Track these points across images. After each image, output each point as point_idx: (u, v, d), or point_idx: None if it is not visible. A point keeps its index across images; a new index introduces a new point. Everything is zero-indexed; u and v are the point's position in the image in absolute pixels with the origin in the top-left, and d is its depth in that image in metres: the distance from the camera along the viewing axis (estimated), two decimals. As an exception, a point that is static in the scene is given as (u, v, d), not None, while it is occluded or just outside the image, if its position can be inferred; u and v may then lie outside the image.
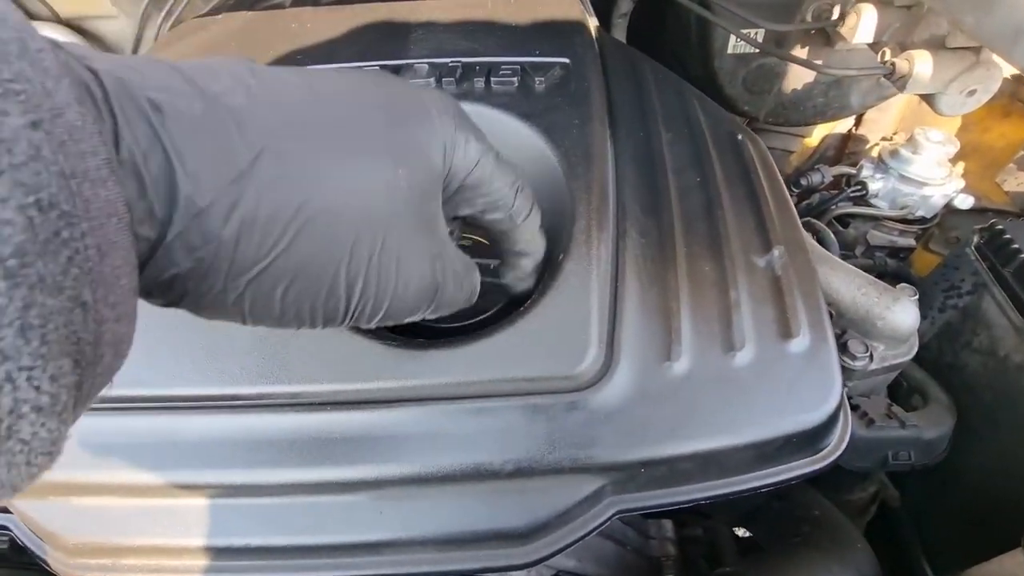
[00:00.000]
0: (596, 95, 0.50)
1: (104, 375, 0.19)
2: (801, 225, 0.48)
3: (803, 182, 0.95)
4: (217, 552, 0.37)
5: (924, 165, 0.91)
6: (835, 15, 0.71)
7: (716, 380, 0.39)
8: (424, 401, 0.37)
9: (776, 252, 0.44)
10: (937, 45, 0.59)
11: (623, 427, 0.37)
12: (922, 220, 0.94)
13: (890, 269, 0.91)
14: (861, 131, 1.19)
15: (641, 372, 0.38)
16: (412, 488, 0.37)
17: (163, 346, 0.38)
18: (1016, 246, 0.59)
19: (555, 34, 0.55)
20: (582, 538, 0.38)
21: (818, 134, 1.20)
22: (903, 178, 0.91)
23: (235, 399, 0.38)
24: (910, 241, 0.94)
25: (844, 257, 0.91)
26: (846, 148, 1.22)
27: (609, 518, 0.38)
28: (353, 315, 0.26)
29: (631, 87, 0.57)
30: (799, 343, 0.40)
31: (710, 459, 0.38)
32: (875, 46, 0.70)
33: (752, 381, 0.39)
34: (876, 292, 0.54)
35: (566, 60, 0.52)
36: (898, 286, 0.56)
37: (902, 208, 0.92)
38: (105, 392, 0.20)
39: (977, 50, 0.55)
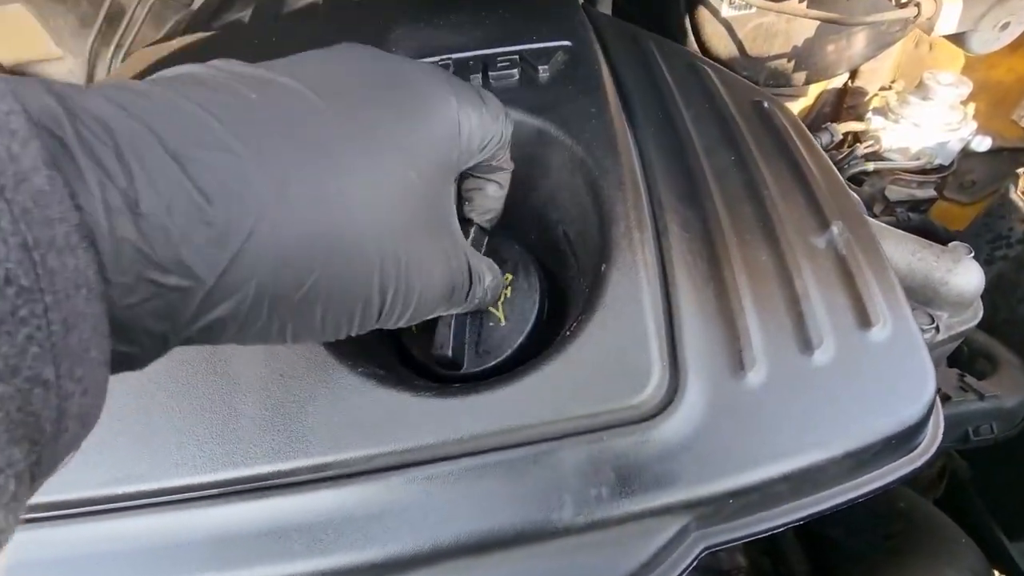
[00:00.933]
0: (606, 78, 0.45)
1: (69, 446, 0.18)
2: (856, 196, 0.43)
3: (812, 143, 0.90)
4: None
5: (938, 110, 0.86)
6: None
7: (798, 386, 0.34)
8: (473, 455, 0.32)
9: (835, 229, 0.40)
10: (959, -20, 0.54)
11: (703, 454, 0.32)
12: (940, 168, 0.90)
13: (914, 224, 0.87)
14: (858, 83, 1.14)
15: (713, 389, 0.33)
16: (472, 559, 0.31)
17: (158, 433, 0.32)
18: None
19: (547, 15, 0.50)
20: (677, 579, 0.33)
21: (813, 92, 1.15)
22: (916, 126, 0.87)
23: (253, 480, 0.32)
24: (930, 192, 0.90)
25: (864, 217, 0.87)
26: (844, 103, 1.18)
27: (697, 556, 0.34)
28: (384, 318, 0.27)
29: (638, 65, 0.51)
30: (880, 331, 0.36)
31: (804, 477, 0.33)
32: (883, -10, 0.65)
33: (838, 382, 0.34)
34: (933, 255, 0.50)
35: (567, 42, 0.46)
36: (950, 245, 0.52)
37: (919, 158, 0.88)
38: (102, 491, 0.20)
39: (1006, -20, 0.51)
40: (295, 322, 0.24)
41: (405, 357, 0.40)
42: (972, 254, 0.52)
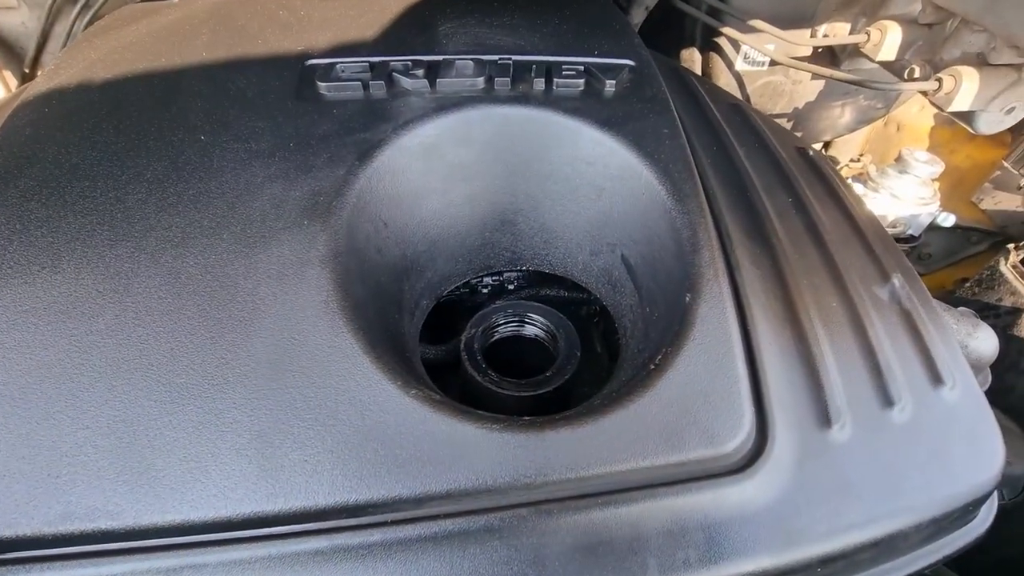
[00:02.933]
0: (670, 102, 0.43)
1: None
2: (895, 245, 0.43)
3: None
4: None
5: (913, 184, 0.92)
6: (851, 32, 0.69)
7: (881, 444, 0.32)
8: (546, 503, 0.27)
9: (896, 282, 0.39)
10: (970, 62, 0.57)
11: (791, 515, 0.29)
12: (910, 239, 0.95)
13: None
14: (831, 152, 1.21)
15: (801, 443, 0.31)
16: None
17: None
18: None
19: (607, 33, 0.48)
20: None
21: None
22: (895, 197, 0.92)
23: (312, 517, 0.26)
24: (901, 259, 0.95)
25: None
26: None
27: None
28: None
29: (687, 95, 0.50)
30: (952, 392, 0.35)
31: (891, 543, 0.30)
32: (889, 65, 0.68)
33: (919, 442, 0.32)
34: (953, 319, 0.51)
35: (631, 62, 0.44)
36: (958, 310, 0.53)
37: (895, 226, 0.93)
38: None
39: (1019, 67, 0.55)
40: None
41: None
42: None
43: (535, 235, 0.42)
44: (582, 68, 0.42)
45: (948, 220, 0.97)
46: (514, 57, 0.42)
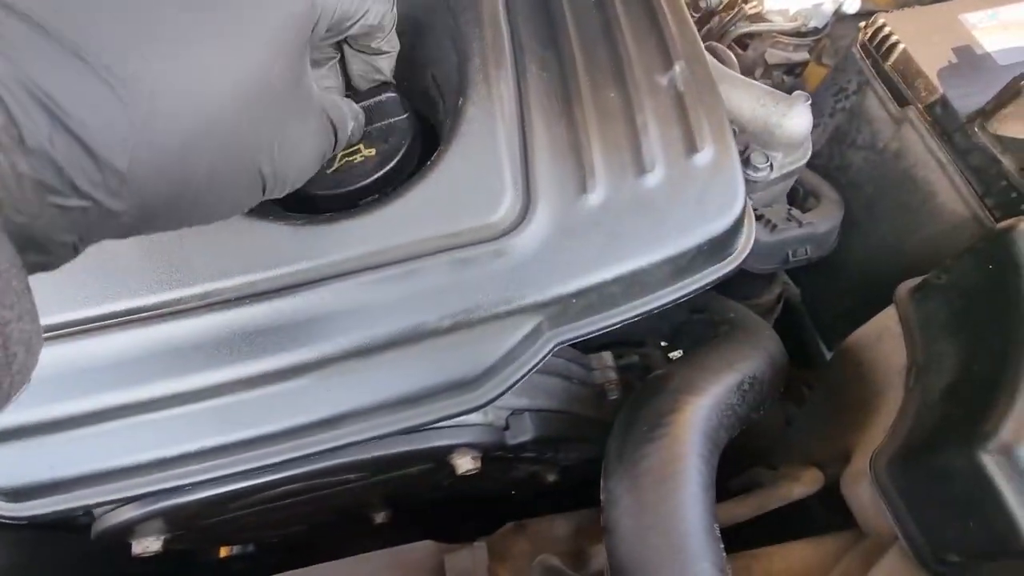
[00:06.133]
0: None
1: (22, 373, 0.19)
2: (700, 38, 0.47)
3: (701, 4, 0.92)
4: (175, 460, 0.37)
5: (813, -29, 0.90)
6: None
7: (631, 204, 0.40)
8: (348, 275, 0.36)
9: (677, 68, 0.44)
10: None
11: (549, 264, 0.38)
12: (815, 31, 0.95)
13: (787, 86, 0.94)
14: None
15: (559, 209, 0.39)
16: (356, 361, 0.37)
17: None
18: (895, 39, 0.61)
19: None
20: (528, 372, 0.40)
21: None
22: (796, -13, 0.91)
23: (144, 311, 0.35)
24: (804, 55, 0.96)
25: (745, 80, 0.93)
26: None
27: (550, 351, 0.41)
28: (267, 194, 0.29)
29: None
30: (704, 156, 0.42)
31: (633, 280, 0.40)
32: None
33: (664, 200, 0.40)
34: (773, 101, 0.56)
35: None
36: (793, 93, 0.58)
37: (794, 20, 0.92)
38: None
39: None
40: (192, 213, 0.26)
41: None
42: (809, 101, 0.59)
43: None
44: None
45: (853, 6, 0.96)
46: None
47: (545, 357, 0.41)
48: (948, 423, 0.34)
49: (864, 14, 1.02)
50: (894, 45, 0.61)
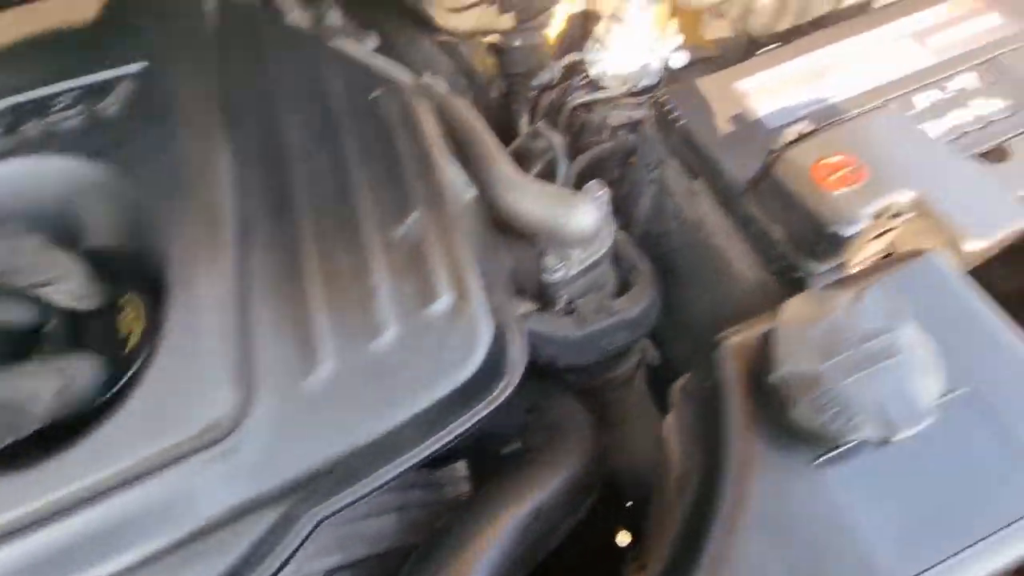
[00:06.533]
0: (198, 96, 0.45)
1: None
2: (442, 174, 0.48)
3: (535, 83, 0.96)
4: None
5: (635, 34, 0.93)
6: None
7: (364, 371, 0.40)
8: (65, 513, 0.35)
9: (410, 218, 0.45)
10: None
11: (285, 451, 0.38)
12: (649, 89, 0.99)
13: (631, 145, 0.97)
14: (597, 7, 1.19)
15: (284, 392, 0.38)
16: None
17: None
18: (675, 115, 0.63)
19: (127, 30, 0.48)
20: (296, 551, 0.39)
21: (561, 19, 1.19)
22: (622, 52, 0.94)
23: None
24: (644, 111, 0.99)
25: (593, 143, 0.95)
26: (589, 28, 1.23)
27: (315, 527, 0.40)
28: None
29: (252, 68, 0.52)
30: (441, 304, 0.42)
31: (377, 447, 0.40)
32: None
33: (399, 359, 0.40)
34: (558, 202, 0.57)
35: (143, 64, 0.45)
36: (585, 185, 0.59)
37: (626, 83, 0.96)
38: None
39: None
40: None
41: None
42: (601, 192, 0.60)
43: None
44: (78, 92, 0.43)
45: (680, 60, 1.00)
46: (13, 100, 0.43)
47: (308, 536, 0.40)
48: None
49: (694, 63, 1.06)
50: (675, 119, 0.63)
